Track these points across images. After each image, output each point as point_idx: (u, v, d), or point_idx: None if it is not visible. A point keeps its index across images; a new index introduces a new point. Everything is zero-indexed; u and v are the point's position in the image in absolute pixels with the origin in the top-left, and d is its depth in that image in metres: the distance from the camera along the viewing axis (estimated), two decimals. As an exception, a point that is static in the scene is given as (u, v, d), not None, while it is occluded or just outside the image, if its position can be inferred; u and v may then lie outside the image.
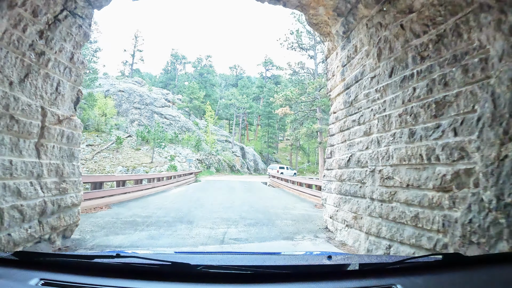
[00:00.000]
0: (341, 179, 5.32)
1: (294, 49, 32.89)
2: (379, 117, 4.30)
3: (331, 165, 5.75)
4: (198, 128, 45.79)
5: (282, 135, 62.65)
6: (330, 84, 6.11)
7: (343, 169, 5.29)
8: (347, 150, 5.22)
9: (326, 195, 5.94)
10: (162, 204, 9.69)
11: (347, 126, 5.26)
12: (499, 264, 1.29)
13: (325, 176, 6.07)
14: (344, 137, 5.36)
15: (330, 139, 5.92)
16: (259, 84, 64.16)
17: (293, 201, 11.78)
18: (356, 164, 4.87)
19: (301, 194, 14.52)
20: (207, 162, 38.95)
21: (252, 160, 48.03)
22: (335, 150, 5.69)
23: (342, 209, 5.26)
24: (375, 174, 4.28)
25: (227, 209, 8.71)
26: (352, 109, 5.17)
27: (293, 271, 1.25)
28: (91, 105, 33.87)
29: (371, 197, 4.35)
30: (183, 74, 66.71)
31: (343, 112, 5.45)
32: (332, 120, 5.90)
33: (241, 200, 11.21)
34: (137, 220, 6.66)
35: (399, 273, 1.23)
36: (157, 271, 1.18)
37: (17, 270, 1.15)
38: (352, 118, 5.12)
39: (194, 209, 8.47)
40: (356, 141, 4.94)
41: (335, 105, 5.82)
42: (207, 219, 6.91)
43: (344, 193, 5.21)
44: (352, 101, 5.14)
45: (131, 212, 7.85)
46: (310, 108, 30.52)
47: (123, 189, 10.58)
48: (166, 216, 7.23)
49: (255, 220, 6.84)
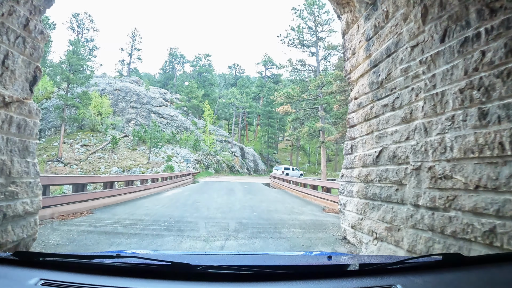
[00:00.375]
0: (367, 180, 4.26)
1: (295, 46, 31.87)
2: (426, 97, 3.25)
3: (352, 162, 4.69)
4: (196, 128, 44.71)
5: (282, 135, 61.64)
6: (349, 65, 5.05)
7: (369, 168, 4.23)
8: (375, 143, 4.17)
9: (345, 200, 4.88)
10: (152, 208, 8.61)
11: (375, 113, 4.20)
12: (499, 264, 1.28)
13: (343, 177, 5.01)
14: (370, 127, 4.31)
15: (350, 131, 4.86)
16: (258, 84, 63.09)
17: (298, 204, 10.71)
18: (389, 161, 3.82)
19: (305, 196, 13.45)
20: (206, 163, 37.86)
21: (252, 161, 46.94)
22: (357, 144, 4.63)
23: (368, 217, 4.20)
24: (422, 172, 3.22)
25: (225, 214, 7.63)
26: (382, 92, 4.11)
27: (293, 271, 1.23)
28: (86, 104, 32.76)
29: (415, 204, 3.30)
30: (182, 74, 65.60)
31: (369, 96, 4.40)
32: (352, 107, 4.84)
33: (241, 204, 10.13)
34: (118, 230, 5.59)
35: (399, 273, 1.22)
36: (157, 271, 1.16)
37: (17, 270, 1.14)
38: (383, 103, 4.06)
39: (188, 215, 7.38)
40: (389, 131, 3.88)
41: (357, 89, 4.76)
42: (202, 227, 5.84)
43: (371, 198, 4.15)
44: (382, 81, 4.09)
45: (115, 218, 6.77)
46: (312, 107, 29.48)
47: (110, 192, 9.50)
48: (154, 224, 6.16)
49: (258, 229, 5.77)
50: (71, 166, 30.33)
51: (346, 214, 4.83)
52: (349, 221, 4.73)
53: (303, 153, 59.27)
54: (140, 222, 6.35)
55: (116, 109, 40.16)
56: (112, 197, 9.59)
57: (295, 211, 8.76)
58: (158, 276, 1.15)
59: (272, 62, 63.65)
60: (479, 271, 1.24)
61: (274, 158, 54.66)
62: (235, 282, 1.13)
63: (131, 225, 6.02)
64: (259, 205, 9.74)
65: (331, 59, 32.87)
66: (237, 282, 1.13)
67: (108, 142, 34.35)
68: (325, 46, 31.05)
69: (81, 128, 37.59)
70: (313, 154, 57.63)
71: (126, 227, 5.78)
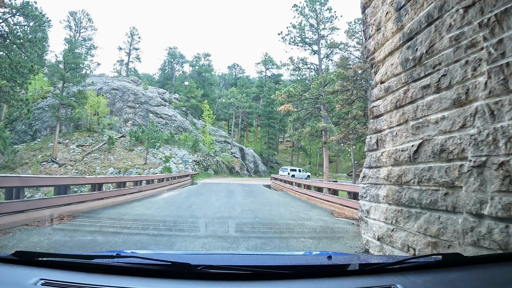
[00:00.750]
0: (401, 181, 3.41)
1: (296, 44, 31.09)
2: (491, 70, 2.42)
3: (379, 160, 3.84)
4: (195, 128, 43.86)
5: (282, 136, 60.82)
6: (372, 43, 4.21)
7: (403, 166, 3.39)
8: (411, 135, 3.32)
9: (368, 206, 4.03)
10: (143, 213, 7.77)
11: (411, 97, 3.36)
12: (499, 264, 1.28)
13: (366, 178, 4.16)
14: (404, 116, 3.47)
15: (375, 122, 4.01)
16: (258, 84, 62.28)
17: (303, 208, 9.87)
18: (434, 157, 2.98)
19: (310, 199, 12.60)
20: (205, 164, 37.01)
21: (252, 162, 46.07)
22: (385, 137, 3.78)
23: (403, 228, 3.35)
24: (487, 170, 2.39)
25: (224, 220, 6.77)
26: (420, 70, 3.28)
27: (293, 271, 1.21)
28: (82, 103, 31.90)
29: (476, 213, 2.46)
30: (181, 74, 64.77)
31: (401, 77, 3.56)
32: (377, 93, 4.00)
33: (242, 207, 9.28)
34: (97, 240, 4.73)
35: (399, 273, 1.21)
36: (157, 271, 1.15)
37: (17, 270, 1.14)
38: (422, 84, 3.22)
39: (182, 222, 6.52)
40: (433, 118, 3.05)
41: (384, 70, 3.92)
42: (197, 237, 4.98)
43: (407, 204, 3.31)
44: (421, 56, 3.25)
45: (98, 225, 5.91)
46: (314, 106, 28.66)
47: (98, 194, 8.65)
48: (140, 233, 5.31)
49: (263, 239, 4.91)
50: (66, 167, 29.46)
51: (370, 223, 3.97)
52: (374, 231, 3.87)
53: (304, 154, 58.42)
54: (125, 231, 5.50)
55: (113, 109, 39.30)
56: (101, 200, 8.74)
57: (301, 216, 7.91)
58: (158, 276, 1.13)
59: (273, 62, 62.85)
60: (479, 271, 1.22)
61: (274, 159, 53.80)
62: (235, 281, 1.11)
63: (114, 234, 5.17)
64: (261, 209, 8.89)
65: (333, 58, 32.09)
66: (237, 281, 1.11)
67: (104, 143, 33.50)
68: (327, 44, 30.27)
69: (77, 128, 36.72)
70: (314, 155, 56.81)
71: (108, 237, 4.93)
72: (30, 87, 37.51)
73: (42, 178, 6.66)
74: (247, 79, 69.80)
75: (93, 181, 8.54)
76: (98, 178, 9.11)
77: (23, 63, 25.78)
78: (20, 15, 27.24)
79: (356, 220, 7.25)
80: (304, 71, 33.99)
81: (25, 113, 25.71)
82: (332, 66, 33.20)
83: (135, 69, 62.99)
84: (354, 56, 31.27)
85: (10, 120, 35.81)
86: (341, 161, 55.20)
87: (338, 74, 26.19)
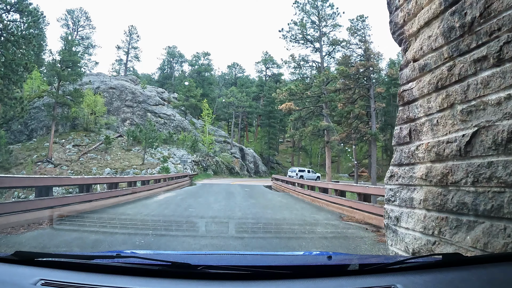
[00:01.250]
0: (446, 181, 2.70)
1: (297, 41, 30.40)
2: None
3: (413, 155, 3.12)
4: (194, 128, 43.17)
5: (282, 137, 60.19)
6: (400, 15, 3.49)
7: (450, 162, 2.67)
8: (460, 122, 2.61)
9: (399, 211, 3.31)
10: (134, 217, 7.07)
11: (459, 74, 2.64)
12: (499, 264, 1.27)
13: (393, 178, 3.43)
14: (449, 99, 2.75)
15: (406, 109, 3.29)
16: (258, 83, 61.63)
17: (308, 211, 9.17)
18: (497, 148, 2.26)
19: (314, 201, 11.89)
20: (204, 164, 36.33)
21: (252, 162, 45.38)
22: (422, 127, 3.07)
23: (449, 240, 2.63)
24: None
25: (223, 226, 6.07)
26: (470, 40, 2.56)
27: (293, 271, 1.20)
28: (78, 102, 31.21)
29: None
30: (180, 74, 64.11)
31: (443, 51, 2.84)
32: (409, 74, 3.28)
33: (243, 211, 8.57)
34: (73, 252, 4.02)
35: (399, 273, 1.19)
36: (157, 271, 1.14)
37: (17, 270, 1.13)
38: (474, 56, 2.51)
39: (175, 228, 5.76)
40: (493, 99, 2.32)
41: (418, 45, 3.20)
42: (190, 250, 4.27)
43: (455, 210, 2.59)
44: (473, 22, 2.53)
45: (77, 233, 5.19)
46: (316, 104, 27.98)
47: (85, 196, 7.94)
48: (126, 243, 4.61)
49: (268, 250, 4.21)
50: (62, 167, 28.77)
51: (401, 233, 3.25)
52: (406, 243, 3.15)
53: (305, 155, 57.78)
54: (108, 239, 4.78)
55: (110, 108, 38.60)
56: (89, 202, 8.03)
57: (307, 220, 7.21)
58: (158, 276, 1.12)
59: (273, 61, 62.22)
60: (479, 271, 1.22)
61: (275, 160, 53.13)
62: (235, 281, 1.10)
63: (95, 244, 4.46)
64: (263, 213, 8.18)
65: (335, 56, 31.42)
66: (237, 281, 1.10)
67: (101, 143, 32.80)
68: (329, 41, 29.60)
69: (74, 127, 36.04)
70: (315, 155, 56.16)
71: (85, 250, 4.21)
72: (27, 86, 36.89)
73: (18, 178, 5.99)
74: (247, 79, 69.19)
75: (80, 182, 7.81)
76: (86, 178, 8.40)
77: (17, 61, 25.12)
78: (15, 11, 26.59)
79: (369, 224, 6.57)
80: (305, 70, 33.32)
81: (19, 112, 25.04)
82: (334, 65, 32.52)
83: (134, 68, 62.39)
84: (356, 54, 30.65)
85: (5, 120, 35.15)
86: (342, 161, 54.50)
87: (341, 71, 25.53)
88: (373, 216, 6.73)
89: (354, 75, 28.08)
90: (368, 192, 7.95)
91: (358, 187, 9.21)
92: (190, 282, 1.09)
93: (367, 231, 5.96)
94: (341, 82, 28.53)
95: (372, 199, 9.03)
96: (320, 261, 1.58)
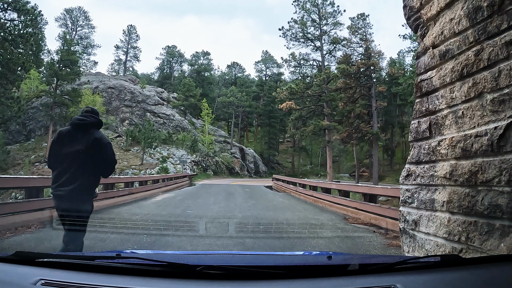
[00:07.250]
0: (474, 180, 2.38)
1: (298, 40, 30.13)
2: None
3: (434, 152, 2.80)
4: (194, 128, 42.88)
5: (282, 137, 59.94)
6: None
7: (480, 158, 2.36)
8: (490, 113, 2.29)
9: (417, 214, 2.99)
10: (128, 219, 6.77)
11: (489, 59, 2.33)
12: (499, 264, 1.28)
13: (410, 177, 3.12)
14: (476, 88, 2.43)
15: (426, 101, 2.97)
16: (258, 83, 61.37)
17: (311, 212, 8.87)
18: (540, 143, 1.95)
19: (316, 201, 11.58)
20: (204, 164, 36.04)
21: (253, 162, 45.10)
22: (444, 120, 2.75)
23: (479, 248, 2.32)
24: None
25: (222, 229, 5.76)
26: (500, 21, 2.22)
27: (292, 271, 1.19)
28: (76, 101, 30.92)
29: None
30: (180, 74, 63.84)
31: (468, 35, 2.52)
32: (429, 62, 2.96)
33: (243, 213, 8.26)
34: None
35: (399, 273, 1.19)
36: (157, 271, 1.14)
37: (17, 270, 1.12)
38: (506, 38, 2.20)
39: (171, 232, 5.43)
40: (534, 85, 2.02)
41: (438, 29, 2.88)
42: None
43: (486, 214, 2.27)
44: (502, 0, 2.23)
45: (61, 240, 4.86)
46: (316, 103, 27.69)
47: (79, 197, 7.62)
48: (117, 248, 4.29)
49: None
50: (60, 168, 28.44)
51: (420, 239, 2.94)
52: (427, 251, 2.83)
53: (305, 155, 57.50)
54: (99, 244, 4.47)
55: (109, 108, 38.33)
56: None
57: (311, 222, 6.91)
58: (158, 276, 1.11)
59: (273, 61, 61.97)
60: (479, 271, 1.22)
61: (275, 160, 52.85)
62: (235, 281, 1.10)
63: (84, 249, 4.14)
64: (264, 215, 7.87)
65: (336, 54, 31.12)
66: (237, 281, 1.10)
67: (100, 143, 32.48)
68: (330, 40, 29.32)
69: (72, 128, 35.73)
70: (315, 155, 55.86)
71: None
72: (25, 86, 36.62)
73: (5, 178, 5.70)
74: (247, 78, 68.94)
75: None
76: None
77: (14, 60, 24.84)
78: (12, 10, 26.29)
79: (376, 226, 6.27)
80: (306, 69, 33.06)
81: (16, 112, 24.76)
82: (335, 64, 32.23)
83: (133, 68, 62.14)
84: (357, 53, 30.37)
85: (3, 120, 34.86)
86: (343, 161, 54.21)
87: (342, 70, 25.24)
88: (379, 218, 6.42)
89: (355, 74, 27.81)
90: (374, 192, 7.64)
91: (363, 187, 8.90)
92: (190, 282, 1.09)
93: (374, 234, 5.66)
94: (342, 81, 28.27)
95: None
96: (320, 261, 1.58)
